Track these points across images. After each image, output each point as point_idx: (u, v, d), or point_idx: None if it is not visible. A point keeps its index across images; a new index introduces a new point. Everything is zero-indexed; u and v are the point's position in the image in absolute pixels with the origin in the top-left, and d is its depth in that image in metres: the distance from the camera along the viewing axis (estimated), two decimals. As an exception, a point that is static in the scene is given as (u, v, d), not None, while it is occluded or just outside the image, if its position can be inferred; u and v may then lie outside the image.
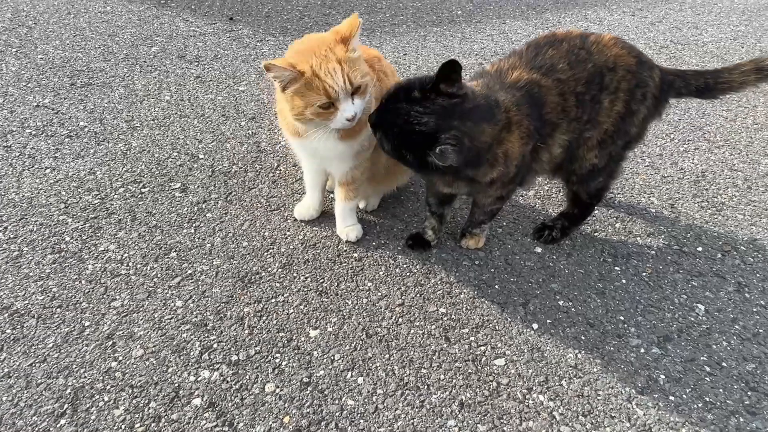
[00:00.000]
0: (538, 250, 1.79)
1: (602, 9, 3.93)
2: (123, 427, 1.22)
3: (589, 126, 1.49)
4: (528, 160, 1.46)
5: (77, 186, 1.91)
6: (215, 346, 1.41)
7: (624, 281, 1.69)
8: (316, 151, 1.53)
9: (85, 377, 1.32)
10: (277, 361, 1.38)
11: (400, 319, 1.51)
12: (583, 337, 1.49)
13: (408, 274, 1.66)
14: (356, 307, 1.54)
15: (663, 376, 1.39)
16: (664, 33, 3.59)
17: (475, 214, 1.67)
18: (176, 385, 1.32)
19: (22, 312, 1.46)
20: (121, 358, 1.37)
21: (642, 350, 1.46)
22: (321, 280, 1.61)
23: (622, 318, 1.56)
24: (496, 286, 1.63)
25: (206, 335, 1.43)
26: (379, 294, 1.58)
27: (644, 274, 1.72)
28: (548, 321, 1.53)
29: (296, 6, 3.55)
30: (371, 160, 1.63)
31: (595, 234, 1.87)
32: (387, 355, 1.41)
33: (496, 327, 1.50)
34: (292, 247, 1.73)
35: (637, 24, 3.71)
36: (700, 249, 1.83)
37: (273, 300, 1.54)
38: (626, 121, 1.52)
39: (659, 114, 1.60)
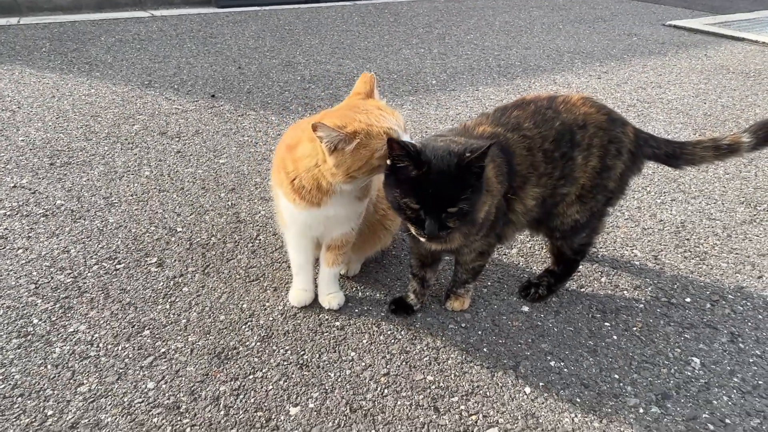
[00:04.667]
0: (525, 309, 1.74)
1: (569, 73, 4.13)
2: None
3: (564, 182, 1.51)
4: (504, 208, 1.46)
5: (49, 265, 1.85)
6: (188, 430, 1.31)
7: (615, 337, 1.64)
8: (332, 217, 1.51)
9: (44, 474, 1.21)
10: (254, 443, 1.28)
11: (386, 390, 1.43)
12: (578, 399, 1.42)
13: (393, 341, 1.60)
14: (339, 380, 1.46)
15: (666, 438, 1.32)
16: (630, 93, 3.76)
17: (458, 272, 1.64)
18: (144, 477, 1.21)
19: (-20, 404, 1.36)
20: (84, 449, 1.26)
21: (641, 410, 1.39)
22: (302, 352, 1.54)
23: (616, 376, 1.49)
24: (485, 349, 1.57)
25: (179, 419, 1.33)
26: (363, 364, 1.51)
27: (635, 328, 1.67)
28: (541, 384, 1.46)
29: (276, 82, 3.67)
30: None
31: (582, 290, 1.84)
32: (373, 431, 1.32)
33: (487, 393, 1.43)
34: (271, 318, 1.66)
35: (604, 86, 3.89)
36: (688, 300, 1.81)
37: (251, 376, 1.46)
38: (603, 176, 1.54)
39: (638, 169, 1.62)
